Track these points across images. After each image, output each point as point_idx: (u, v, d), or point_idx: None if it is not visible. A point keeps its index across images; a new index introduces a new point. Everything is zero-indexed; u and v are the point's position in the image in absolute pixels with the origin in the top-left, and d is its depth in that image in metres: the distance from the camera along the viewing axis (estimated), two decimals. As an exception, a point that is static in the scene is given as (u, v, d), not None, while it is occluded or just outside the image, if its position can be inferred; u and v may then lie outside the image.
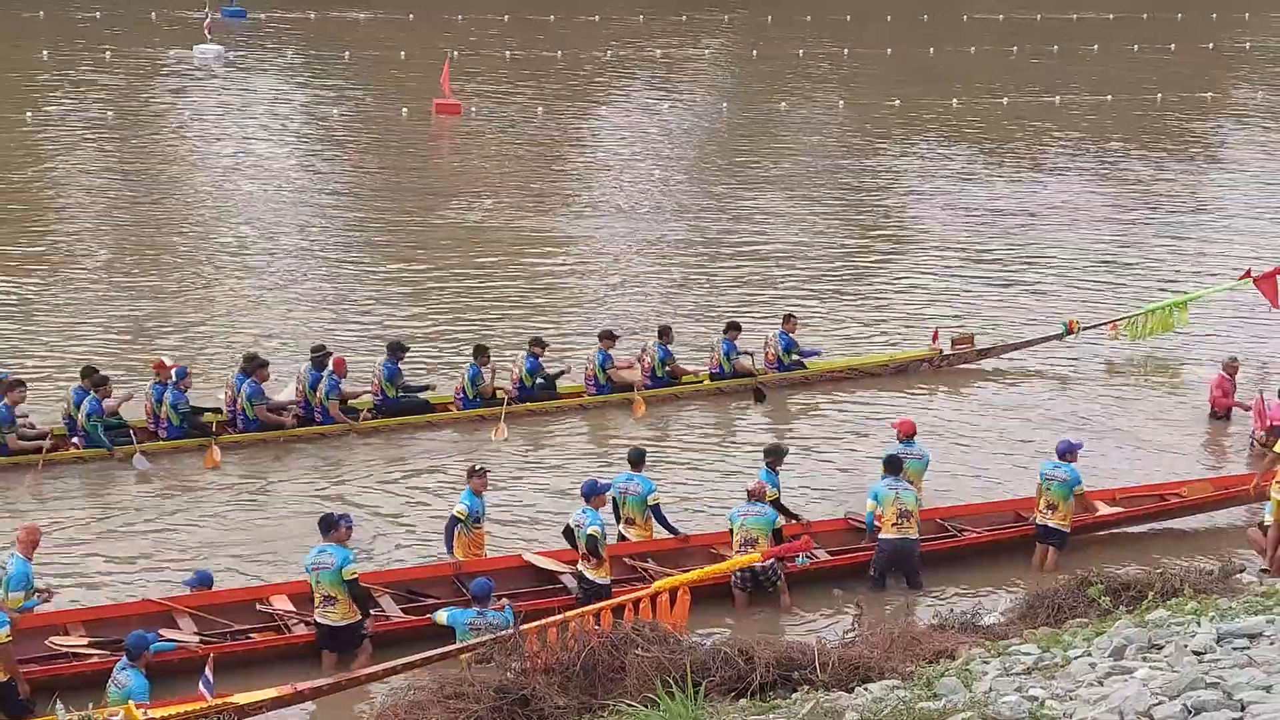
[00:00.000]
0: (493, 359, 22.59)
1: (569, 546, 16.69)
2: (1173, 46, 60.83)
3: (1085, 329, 25.40)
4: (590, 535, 16.04)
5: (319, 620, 15.28)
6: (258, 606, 16.01)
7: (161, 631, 15.01)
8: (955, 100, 48.13)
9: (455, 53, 50.44)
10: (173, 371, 20.91)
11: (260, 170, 37.51)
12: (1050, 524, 17.91)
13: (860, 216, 34.75)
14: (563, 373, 22.94)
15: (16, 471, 19.93)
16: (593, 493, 16.55)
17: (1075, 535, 18.05)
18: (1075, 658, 11.75)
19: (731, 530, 16.93)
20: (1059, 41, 60.04)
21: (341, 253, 30.74)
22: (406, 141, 41.46)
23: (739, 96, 49.46)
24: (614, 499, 17.57)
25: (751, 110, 46.95)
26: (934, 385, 24.02)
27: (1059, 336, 25.36)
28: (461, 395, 22.22)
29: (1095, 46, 59.55)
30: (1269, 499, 17.65)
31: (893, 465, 17.64)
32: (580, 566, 16.27)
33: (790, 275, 29.79)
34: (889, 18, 64.19)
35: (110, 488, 19.76)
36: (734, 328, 23.72)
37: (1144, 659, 11.39)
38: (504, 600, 15.37)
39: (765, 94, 49.18)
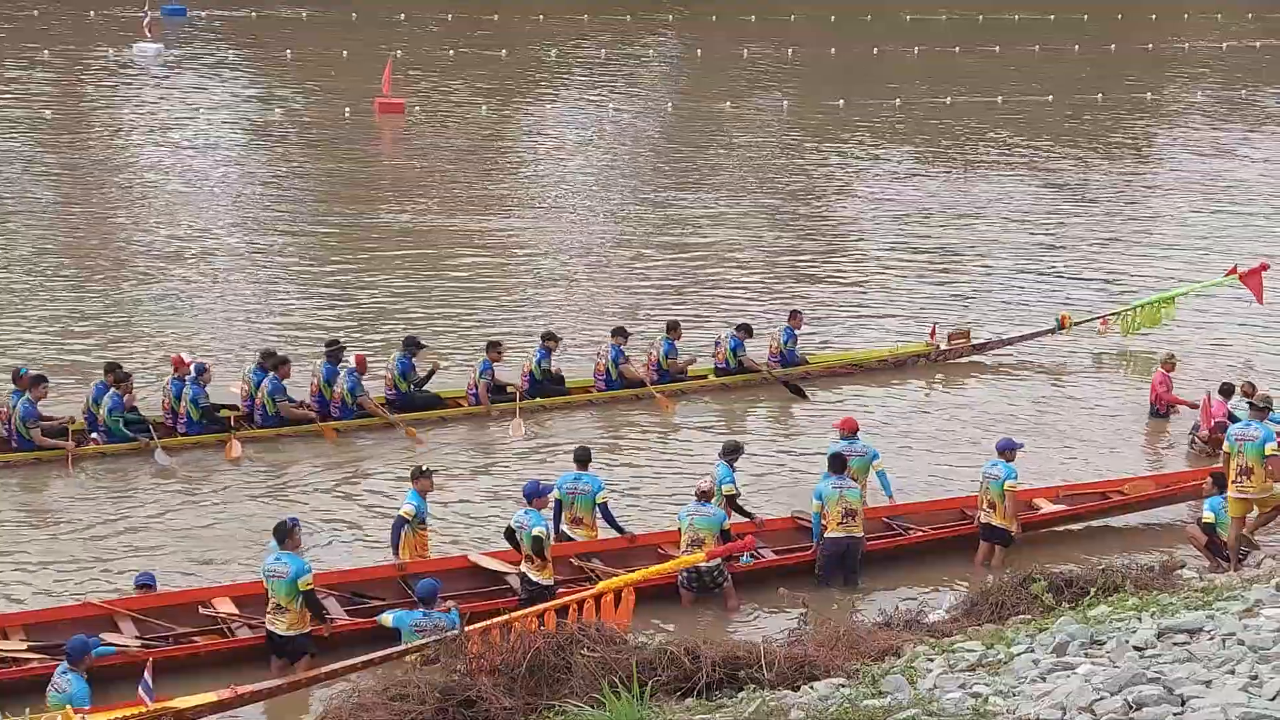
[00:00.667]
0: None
1: (510, 548, 16.66)
2: (1112, 47, 61.20)
3: (1076, 324, 25.68)
4: (535, 536, 16.00)
5: (267, 626, 15.19)
6: (200, 609, 15.89)
7: (103, 635, 14.86)
8: (899, 99, 48.29)
9: (398, 52, 50.24)
10: (191, 367, 21.05)
11: (200, 170, 37.21)
12: (992, 522, 18.03)
13: (806, 215, 34.79)
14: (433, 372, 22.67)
15: (41, 467, 19.98)
16: (535, 494, 16.51)
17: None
18: (1018, 654, 11.82)
19: (680, 530, 16.94)
20: (1000, 42, 60.33)
21: (280, 253, 30.57)
22: (349, 141, 41.24)
23: (683, 96, 49.47)
24: (558, 500, 17.54)
25: (696, 109, 46.96)
26: (888, 382, 24.11)
27: (1051, 332, 25.67)
28: (474, 390, 22.33)
29: (1036, 47, 59.87)
30: (1209, 495, 17.80)
31: (837, 463, 17.70)
32: (523, 568, 16.22)
33: (730, 275, 29.87)
34: (833, 18, 64.31)
35: (125, 483, 19.82)
36: (744, 329, 23.92)
37: (1086, 655, 11.47)
38: (450, 603, 15.31)
39: (710, 93, 49.19)
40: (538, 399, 22.53)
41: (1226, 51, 62.70)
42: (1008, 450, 18.25)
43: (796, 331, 24.14)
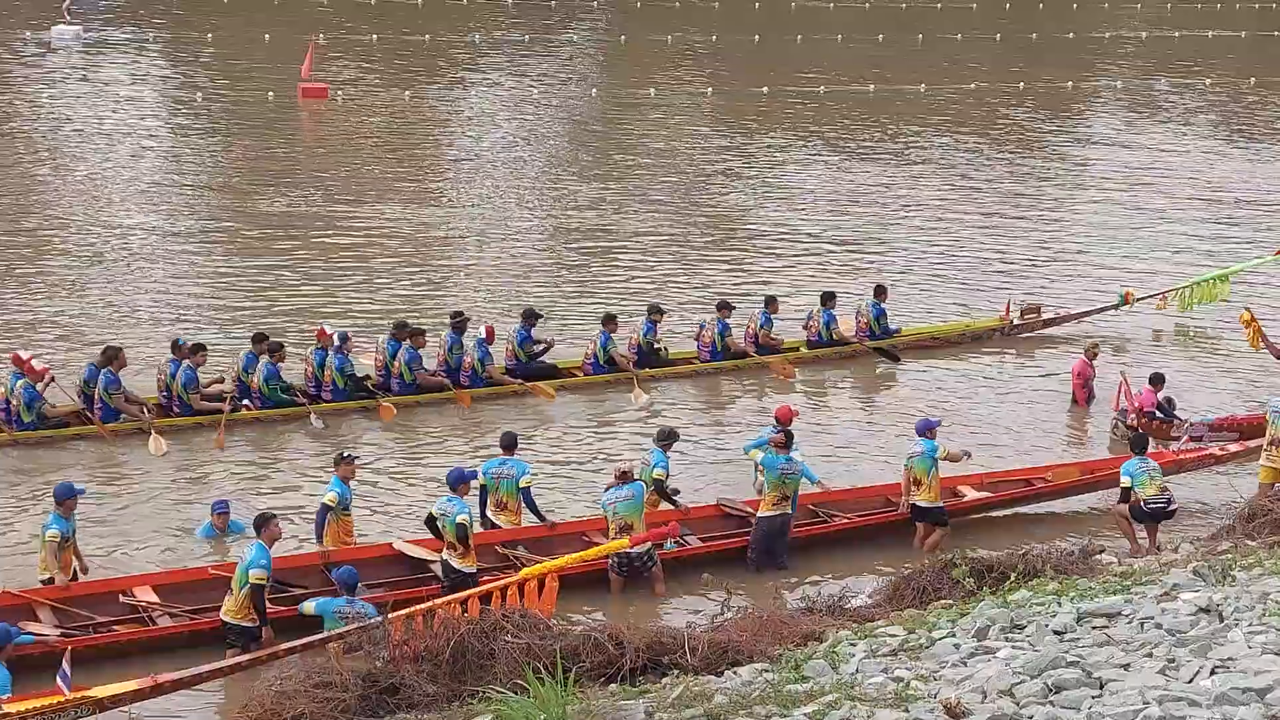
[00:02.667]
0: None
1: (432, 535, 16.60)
2: (1034, 35, 61.68)
3: (1139, 300, 26.53)
4: (459, 523, 15.94)
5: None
6: (120, 598, 15.76)
7: (21, 624, 14.69)
8: (822, 87, 48.42)
9: (320, 35, 49.88)
10: (334, 336, 21.87)
11: (119, 155, 36.79)
12: (919, 502, 18.12)
13: (729, 204, 34.85)
14: (548, 346, 23.52)
15: (200, 432, 20.73)
16: (459, 481, 16.45)
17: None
18: (940, 639, 11.93)
19: (606, 517, 16.95)
20: (923, 30, 60.66)
21: (199, 238, 30.24)
22: (270, 125, 40.89)
23: (607, 82, 49.43)
24: (483, 486, 17.53)
25: (620, 95, 46.94)
26: (820, 376, 24.28)
27: (1115, 307, 26.55)
28: (592, 360, 23.13)
29: (959, 35, 60.22)
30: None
31: (788, 440, 17.77)
32: (445, 555, 16.16)
33: (657, 263, 29.93)
34: (757, 4, 64.45)
35: (279, 448, 20.79)
36: (831, 297, 24.94)
37: (1007, 639, 11.60)
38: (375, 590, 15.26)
39: (634, 80, 49.16)
40: (647, 369, 23.37)
41: (1147, 40, 63.34)
42: (928, 429, 18.41)
43: (884, 305, 25.07)
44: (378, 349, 22.36)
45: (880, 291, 25.30)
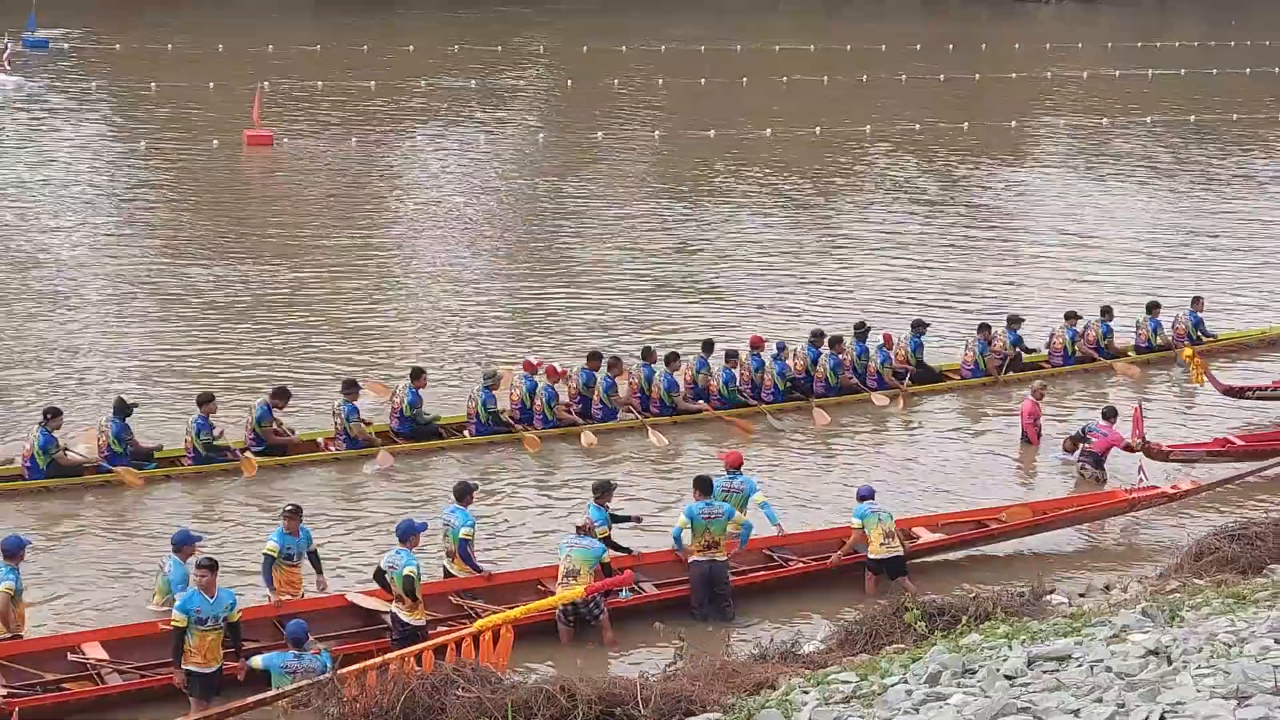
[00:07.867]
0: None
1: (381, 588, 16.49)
2: (977, 76, 62.27)
3: None
4: (406, 576, 15.82)
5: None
6: (69, 655, 15.58)
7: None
8: (769, 130, 48.66)
9: (266, 83, 49.80)
10: (774, 345, 24.74)
11: (63, 207, 36.48)
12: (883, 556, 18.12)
13: (688, 248, 34.96)
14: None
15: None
16: (409, 533, 16.32)
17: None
18: (892, 685, 11.90)
19: (559, 558, 16.95)
20: (868, 71, 61.12)
21: (147, 290, 29.98)
22: (216, 173, 40.81)
23: (555, 127, 49.55)
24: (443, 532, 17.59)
25: (568, 141, 47.06)
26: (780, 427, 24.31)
27: None
28: (971, 367, 26.07)
29: (903, 76, 60.67)
30: None
31: (704, 485, 17.79)
32: (394, 608, 16.03)
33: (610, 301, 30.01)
34: (702, 48, 64.82)
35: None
36: (1155, 307, 27.75)
37: (958, 684, 11.57)
38: (320, 646, 15.13)
39: (581, 125, 49.30)
40: (1011, 373, 26.09)
41: (1087, 80, 63.97)
42: (869, 496, 18.53)
43: (1200, 315, 27.85)
44: (740, 365, 24.55)
45: (1197, 301, 28.11)
